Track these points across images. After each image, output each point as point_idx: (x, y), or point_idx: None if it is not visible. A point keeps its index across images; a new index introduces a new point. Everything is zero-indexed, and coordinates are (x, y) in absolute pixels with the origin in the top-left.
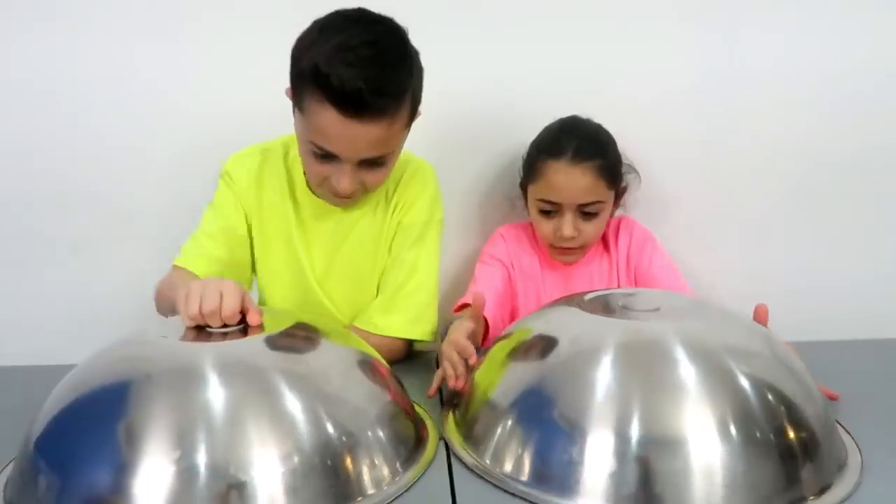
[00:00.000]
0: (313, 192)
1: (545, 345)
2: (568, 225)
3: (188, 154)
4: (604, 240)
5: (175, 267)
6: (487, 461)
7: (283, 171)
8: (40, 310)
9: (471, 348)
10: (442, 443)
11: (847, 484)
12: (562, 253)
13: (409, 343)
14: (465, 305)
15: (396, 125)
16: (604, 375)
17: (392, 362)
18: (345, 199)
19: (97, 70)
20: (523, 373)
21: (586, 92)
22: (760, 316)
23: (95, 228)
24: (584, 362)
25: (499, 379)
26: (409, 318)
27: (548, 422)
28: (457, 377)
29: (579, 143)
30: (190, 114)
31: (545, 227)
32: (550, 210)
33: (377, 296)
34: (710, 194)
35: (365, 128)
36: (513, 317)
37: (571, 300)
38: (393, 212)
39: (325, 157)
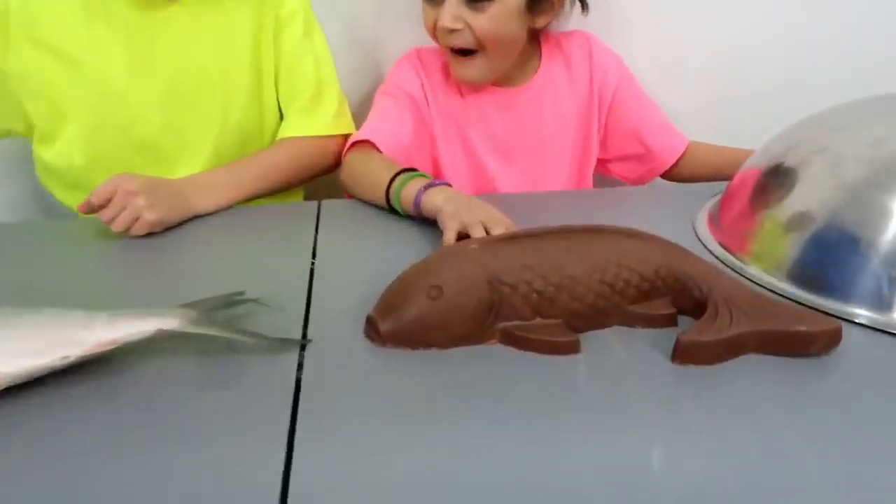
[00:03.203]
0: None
1: None
2: (446, 12)
3: None
4: (560, 57)
5: None
6: None
7: None
8: None
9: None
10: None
11: None
12: (456, 61)
13: (342, 146)
14: (366, 143)
15: None
16: None
17: (329, 170)
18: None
19: None
20: None
21: None
22: None
23: None
24: None
25: None
26: (333, 113)
27: None
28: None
29: None
30: None
31: (429, 19)
32: None
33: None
34: None
35: None
36: (436, 171)
37: None
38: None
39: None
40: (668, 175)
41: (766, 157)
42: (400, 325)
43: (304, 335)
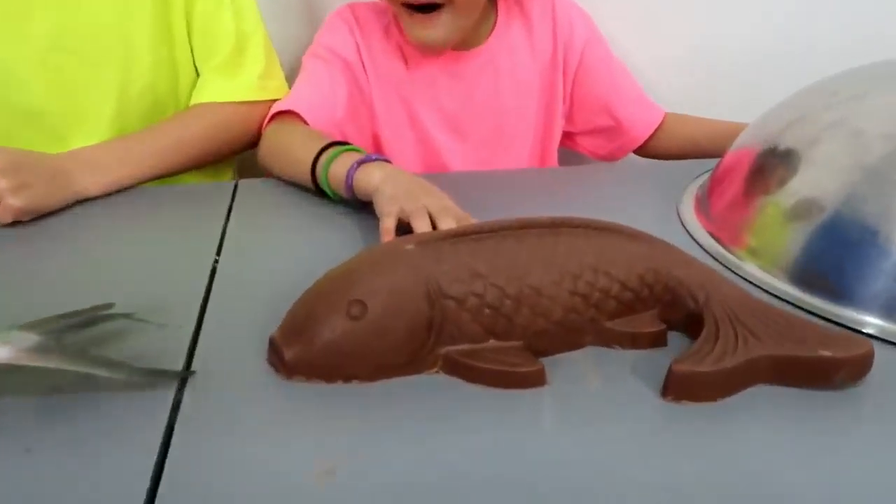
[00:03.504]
0: None
1: None
2: None
3: None
4: (519, 15)
5: None
6: None
7: None
8: None
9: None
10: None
11: None
12: (415, 21)
13: (267, 110)
14: (290, 115)
15: None
16: None
17: (254, 143)
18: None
19: None
20: None
21: None
22: None
23: None
24: None
25: None
26: (259, 73)
27: None
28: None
29: None
30: None
31: None
32: None
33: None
34: None
35: None
36: (376, 148)
37: None
38: None
39: None
40: (643, 151)
41: (765, 133)
42: (310, 351)
43: (188, 364)
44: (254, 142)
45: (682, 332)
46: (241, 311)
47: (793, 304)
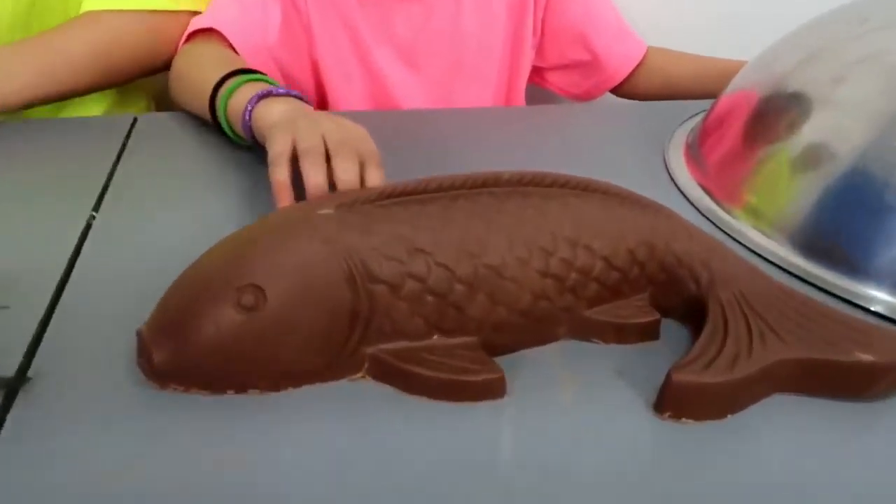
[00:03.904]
0: None
1: None
2: None
3: None
4: None
5: None
6: None
7: None
8: None
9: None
10: None
11: None
12: None
13: (184, 28)
14: (212, 35)
15: None
16: None
17: (160, 68)
18: None
19: None
20: None
21: None
22: None
23: None
24: None
25: None
26: None
27: None
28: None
29: None
30: None
31: None
32: None
33: None
34: None
35: None
36: (316, 80)
37: None
38: None
39: None
40: (622, 90)
41: (772, 71)
42: (187, 353)
43: (25, 366)
44: (166, 64)
45: (679, 321)
46: (112, 290)
47: (793, 275)
